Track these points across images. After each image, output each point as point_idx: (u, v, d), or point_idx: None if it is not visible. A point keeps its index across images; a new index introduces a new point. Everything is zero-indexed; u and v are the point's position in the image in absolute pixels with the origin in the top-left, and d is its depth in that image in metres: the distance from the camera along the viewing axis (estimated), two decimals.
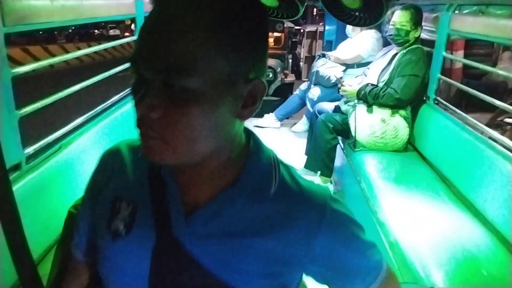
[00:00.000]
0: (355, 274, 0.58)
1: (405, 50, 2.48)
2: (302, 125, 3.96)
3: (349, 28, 3.64)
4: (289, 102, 4.14)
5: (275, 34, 4.99)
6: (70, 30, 9.85)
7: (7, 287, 0.98)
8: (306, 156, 2.97)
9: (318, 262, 0.55)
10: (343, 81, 2.77)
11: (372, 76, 2.69)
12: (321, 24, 6.34)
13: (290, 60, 5.75)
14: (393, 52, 2.60)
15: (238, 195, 0.53)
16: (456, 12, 2.33)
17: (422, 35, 2.55)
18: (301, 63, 6.50)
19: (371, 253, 0.58)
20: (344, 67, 3.63)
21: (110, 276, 0.57)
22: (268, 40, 0.52)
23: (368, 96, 2.47)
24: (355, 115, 2.51)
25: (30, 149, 1.27)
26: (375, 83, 2.59)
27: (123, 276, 0.55)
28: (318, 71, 3.76)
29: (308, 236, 0.53)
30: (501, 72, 3.07)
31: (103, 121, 1.80)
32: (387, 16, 2.67)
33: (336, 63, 3.68)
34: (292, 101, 4.11)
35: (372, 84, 2.55)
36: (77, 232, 0.66)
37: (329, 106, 3.04)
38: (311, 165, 2.85)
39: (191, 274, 0.53)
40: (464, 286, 1.37)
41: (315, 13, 9.78)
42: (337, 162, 2.79)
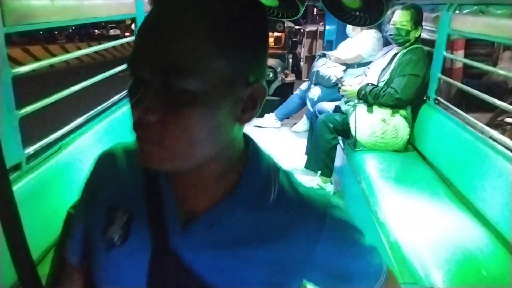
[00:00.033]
0: (356, 280, 0.57)
1: (405, 50, 2.48)
2: (302, 125, 3.95)
3: (350, 28, 3.64)
4: (289, 102, 4.13)
5: (275, 33, 4.99)
6: (70, 30, 9.84)
7: (7, 287, 0.98)
8: (306, 156, 2.97)
9: (319, 269, 0.54)
10: (344, 81, 2.77)
11: (372, 76, 2.69)
12: (321, 24, 6.33)
13: (290, 60, 5.74)
14: (393, 51, 2.60)
15: (237, 204, 0.51)
16: (457, 11, 2.32)
17: (423, 34, 2.55)
18: (302, 63, 6.49)
19: (371, 257, 0.58)
20: (344, 67, 3.63)
21: (105, 286, 0.55)
22: (268, 43, 0.51)
23: (368, 96, 2.47)
24: (355, 115, 2.50)
25: (30, 149, 1.27)
26: (375, 83, 2.58)
27: (119, 287, 0.54)
28: (318, 71, 3.76)
29: (308, 244, 0.53)
30: (501, 71, 3.07)
31: (103, 121, 1.80)
32: (387, 15, 2.67)
33: (336, 63, 3.68)
34: (292, 101, 4.11)
35: (373, 84, 2.55)
36: (72, 236, 0.64)
37: (329, 106, 3.04)
38: (311, 165, 2.85)
39: (189, 285, 0.52)
40: (464, 286, 1.37)
41: (315, 13, 9.77)
42: (337, 162, 2.79)
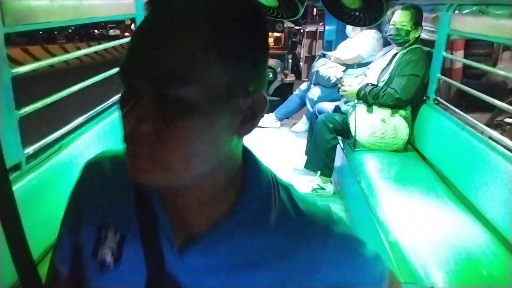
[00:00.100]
0: None
1: (405, 50, 2.48)
2: (302, 125, 3.95)
3: (349, 28, 3.64)
4: (289, 102, 4.13)
5: (275, 34, 4.99)
6: (70, 30, 9.84)
7: (7, 287, 0.98)
8: (306, 156, 2.97)
9: (322, 286, 0.53)
10: (343, 81, 2.77)
11: (372, 76, 2.69)
12: (321, 24, 6.33)
13: (290, 60, 5.75)
14: (393, 52, 2.60)
15: (236, 225, 0.48)
16: (456, 12, 2.33)
17: (422, 35, 2.55)
18: (301, 63, 6.49)
19: (374, 267, 0.56)
20: (344, 67, 3.63)
21: None
22: (269, 51, 0.48)
23: (368, 96, 2.47)
24: (355, 115, 2.51)
25: (30, 149, 1.27)
26: (375, 83, 2.59)
27: None
28: (318, 71, 3.76)
29: (311, 263, 0.51)
30: (501, 72, 3.07)
31: (103, 121, 1.80)
32: (387, 16, 2.68)
33: (336, 63, 3.68)
34: (292, 101, 4.11)
35: (372, 84, 2.55)
36: (60, 249, 0.60)
37: (329, 106, 3.04)
38: (311, 165, 2.85)
39: None
40: (464, 286, 1.37)
41: (315, 13, 9.77)
42: (337, 162, 2.79)
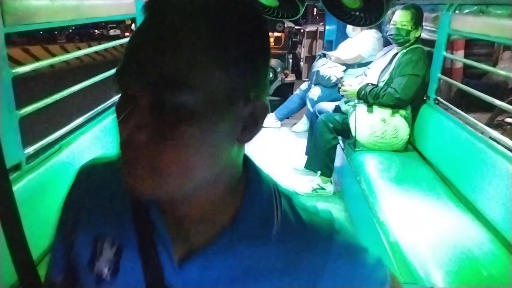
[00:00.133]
0: None
1: (405, 50, 2.48)
2: (302, 125, 3.96)
3: (350, 28, 3.64)
4: (289, 102, 4.14)
5: (275, 34, 4.98)
6: (70, 30, 9.84)
7: (7, 287, 0.98)
8: (306, 156, 2.97)
9: None
10: (344, 81, 2.77)
11: (372, 76, 2.69)
12: (321, 24, 6.32)
13: (290, 60, 5.74)
14: (393, 51, 2.60)
15: (237, 238, 0.47)
16: (457, 12, 2.33)
17: (423, 35, 2.55)
18: (302, 63, 6.49)
19: (376, 273, 0.55)
20: (344, 67, 3.63)
21: None
22: (271, 56, 0.47)
23: (368, 96, 2.47)
24: (355, 115, 2.51)
25: (30, 149, 1.27)
26: (375, 83, 2.59)
27: None
28: (318, 71, 3.76)
29: (312, 274, 0.50)
30: (501, 72, 3.07)
31: (103, 121, 1.80)
32: (387, 15, 2.68)
33: (336, 63, 3.68)
34: (292, 101, 4.11)
35: (373, 84, 2.55)
36: (53, 257, 0.58)
37: (329, 106, 3.04)
38: (311, 165, 2.85)
39: None
40: (464, 286, 1.37)
41: (315, 13, 9.76)
42: (337, 162, 2.79)
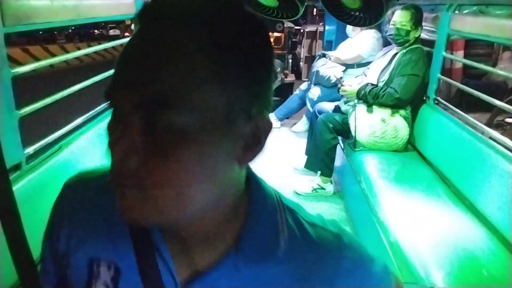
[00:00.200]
0: None
1: (405, 50, 2.48)
2: (302, 125, 3.96)
3: (349, 28, 3.64)
4: (289, 102, 4.14)
5: (275, 34, 4.99)
6: (70, 30, 9.84)
7: (7, 287, 0.98)
8: (306, 156, 2.98)
9: None
10: (343, 81, 2.77)
11: (372, 76, 2.69)
12: (321, 24, 6.32)
13: (290, 60, 5.75)
14: (393, 52, 2.60)
15: (242, 259, 0.44)
16: (456, 12, 2.33)
17: (422, 35, 2.55)
18: (301, 63, 6.49)
19: (383, 281, 0.53)
20: (344, 67, 3.63)
21: None
22: (273, 71, 0.43)
23: (368, 96, 2.47)
24: (355, 115, 2.51)
25: (30, 149, 1.27)
26: (375, 83, 2.59)
27: None
28: (318, 71, 3.76)
29: None
30: (501, 72, 3.07)
31: (103, 121, 1.80)
32: (387, 16, 2.68)
33: (336, 63, 3.69)
34: (292, 101, 4.12)
35: (372, 84, 2.55)
36: (45, 274, 0.56)
37: (329, 106, 3.04)
38: (311, 165, 2.85)
39: None
40: (464, 286, 1.37)
41: (315, 13, 9.76)
42: (337, 162, 2.79)
